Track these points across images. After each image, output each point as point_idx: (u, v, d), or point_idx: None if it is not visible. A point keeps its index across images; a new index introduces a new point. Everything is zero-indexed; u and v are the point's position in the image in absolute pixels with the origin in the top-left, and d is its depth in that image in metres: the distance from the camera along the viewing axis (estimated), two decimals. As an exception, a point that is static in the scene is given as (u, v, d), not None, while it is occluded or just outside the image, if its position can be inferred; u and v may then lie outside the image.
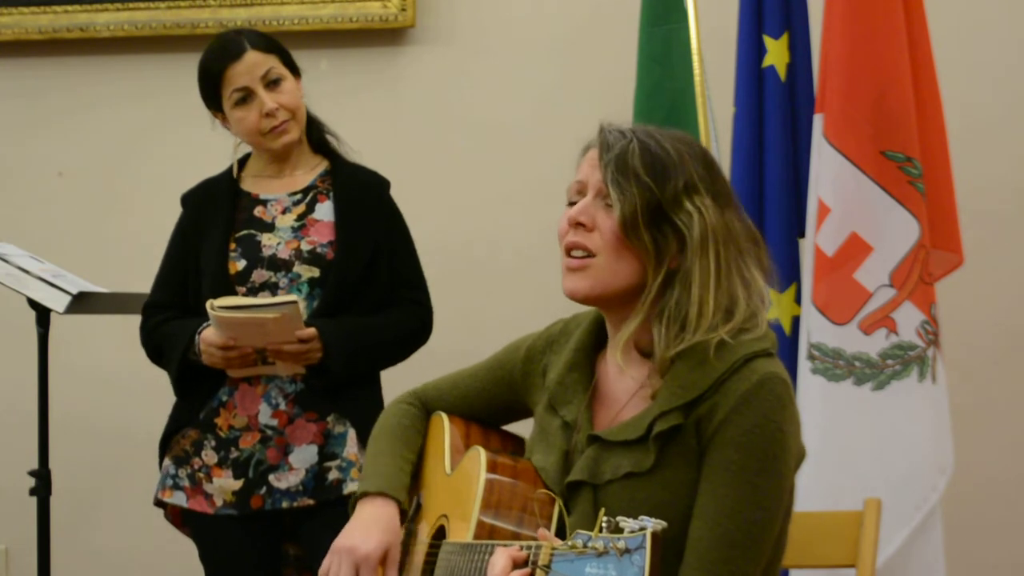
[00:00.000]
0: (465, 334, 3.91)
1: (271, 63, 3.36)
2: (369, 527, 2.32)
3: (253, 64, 3.34)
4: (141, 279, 3.64)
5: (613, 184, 2.17)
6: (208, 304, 3.20)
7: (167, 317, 3.39)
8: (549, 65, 4.32)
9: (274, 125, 3.35)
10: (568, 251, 2.22)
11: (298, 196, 3.41)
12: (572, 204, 2.24)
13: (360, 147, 3.52)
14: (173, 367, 3.35)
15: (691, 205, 2.17)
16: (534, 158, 4.22)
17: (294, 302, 3.18)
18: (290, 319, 3.18)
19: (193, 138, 3.65)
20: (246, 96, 3.34)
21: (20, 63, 4.52)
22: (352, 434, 3.30)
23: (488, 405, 2.47)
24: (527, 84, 4.34)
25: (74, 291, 3.64)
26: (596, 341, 2.33)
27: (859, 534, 2.64)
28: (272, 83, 3.35)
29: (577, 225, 2.21)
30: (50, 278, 3.69)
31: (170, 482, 3.38)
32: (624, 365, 2.22)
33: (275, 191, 3.42)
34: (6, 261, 3.72)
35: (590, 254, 2.19)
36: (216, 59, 3.36)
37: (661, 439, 2.14)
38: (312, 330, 3.23)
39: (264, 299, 3.26)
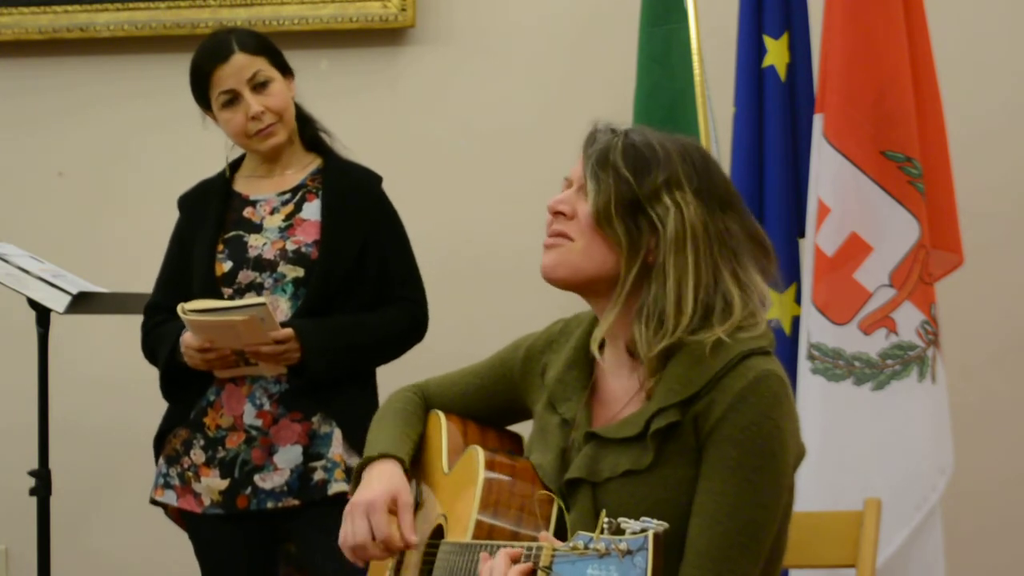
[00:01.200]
0: (463, 334, 3.91)
1: (258, 65, 3.34)
2: (370, 483, 2.33)
3: (240, 67, 3.32)
4: (141, 279, 3.63)
5: (591, 176, 2.20)
6: (179, 308, 3.20)
7: (163, 319, 3.39)
8: (549, 65, 4.32)
9: (260, 128, 3.33)
10: (549, 238, 2.25)
11: (287, 196, 3.39)
12: None
13: (360, 147, 3.51)
14: (160, 369, 3.36)
15: (670, 200, 2.17)
16: (534, 158, 4.22)
17: (262, 304, 3.16)
18: (259, 321, 3.17)
19: (193, 138, 3.64)
20: (233, 98, 3.33)
21: (20, 63, 4.52)
22: (338, 434, 3.29)
23: (488, 404, 2.47)
24: (527, 84, 4.33)
25: (74, 291, 3.64)
26: (596, 341, 2.33)
27: (859, 534, 2.63)
28: (259, 85, 3.33)
29: (557, 213, 2.24)
30: (50, 278, 3.69)
31: (161, 481, 3.38)
32: (617, 364, 2.24)
33: (265, 191, 3.41)
34: (6, 261, 3.71)
35: (569, 239, 2.22)
36: (205, 60, 3.36)
37: (659, 436, 2.14)
38: (288, 331, 3.22)
39: (232, 302, 3.25)
